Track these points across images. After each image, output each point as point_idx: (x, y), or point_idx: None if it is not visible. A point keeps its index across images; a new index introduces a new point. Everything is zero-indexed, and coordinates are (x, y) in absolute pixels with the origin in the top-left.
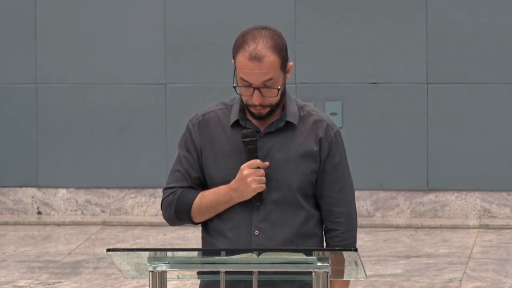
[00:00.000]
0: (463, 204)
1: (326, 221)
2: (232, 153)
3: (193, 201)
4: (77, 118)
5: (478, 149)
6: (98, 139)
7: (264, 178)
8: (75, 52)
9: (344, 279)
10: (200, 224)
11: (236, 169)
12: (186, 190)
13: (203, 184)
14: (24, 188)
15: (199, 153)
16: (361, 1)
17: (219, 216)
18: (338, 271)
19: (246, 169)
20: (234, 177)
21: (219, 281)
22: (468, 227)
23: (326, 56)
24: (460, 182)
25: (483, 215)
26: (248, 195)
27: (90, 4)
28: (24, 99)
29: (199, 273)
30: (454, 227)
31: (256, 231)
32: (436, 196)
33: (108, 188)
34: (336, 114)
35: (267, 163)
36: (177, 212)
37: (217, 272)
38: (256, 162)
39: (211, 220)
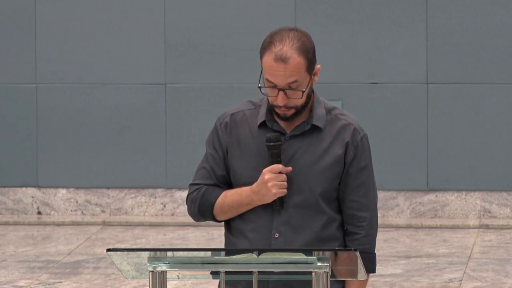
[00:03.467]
0: (463, 204)
1: (348, 225)
2: (258, 154)
3: (216, 200)
4: (77, 118)
5: (478, 149)
6: (98, 139)
7: (285, 183)
8: (75, 52)
9: (347, 279)
10: (222, 222)
11: (261, 170)
12: (210, 188)
13: (228, 182)
14: (24, 188)
15: (225, 152)
16: (361, 1)
17: (241, 216)
18: (344, 271)
19: (267, 173)
20: (258, 178)
21: (240, 281)
22: (468, 227)
23: (326, 56)
24: (460, 182)
25: (483, 215)
26: (269, 199)
27: (90, 4)
28: (24, 99)
29: (212, 273)
30: (454, 227)
31: (276, 234)
32: (436, 196)
33: (108, 188)
34: None
35: (290, 168)
36: (200, 210)
37: (233, 272)
38: (278, 167)
39: (233, 219)
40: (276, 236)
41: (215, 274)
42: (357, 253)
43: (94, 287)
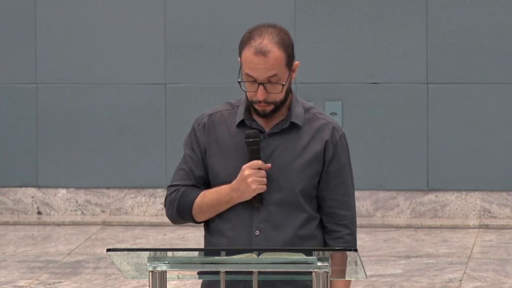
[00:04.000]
0: (463, 204)
1: (329, 223)
2: (236, 153)
3: (194, 200)
4: (77, 118)
5: (478, 149)
6: (98, 139)
7: (265, 179)
8: (75, 52)
9: (345, 279)
10: (202, 224)
11: (240, 169)
12: (188, 189)
13: (207, 183)
14: (24, 188)
15: (203, 153)
16: (361, 1)
17: (220, 215)
18: (339, 271)
19: (247, 169)
20: (237, 177)
21: (218, 281)
22: (468, 227)
23: (326, 56)
24: (460, 182)
25: (483, 215)
26: (248, 195)
27: (90, 4)
28: (24, 99)
29: (199, 273)
30: (454, 227)
31: (257, 231)
32: (436, 196)
33: (108, 188)
34: (336, 114)
35: (269, 165)
36: (179, 211)
37: (218, 272)
38: (258, 163)
39: (212, 219)
40: (257, 234)
41: (201, 274)
42: (358, 253)
43: (94, 287)
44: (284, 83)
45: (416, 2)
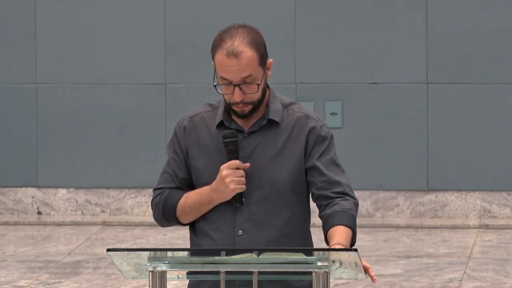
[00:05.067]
0: (463, 204)
1: (322, 201)
2: (217, 153)
3: (178, 202)
4: (77, 118)
5: (478, 149)
6: (98, 139)
7: (243, 179)
8: (75, 52)
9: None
10: (188, 225)
11: None
12: (172, 191)
13: (191, 185)
14: (24, 188)
15: (186, 155)
16: (361, 1)
17: (204, 216)
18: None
19: (225, 169)
20: None
21: (206, 281)
22: (468, 227)
23: (326, 56)
24: (460, 182)
25: (483, 215)
26: (227, 195)
27: (90, 4)
28: (24, 99)
29: (188, 273)
30: (454, 227)
31: (240, 231)
32: (436, 196)
33: (108, 188)
34: (336, 114)
35: (247, 164)
36: (164, 213)
37: (206, 272)
38: (235, 163)
39: (197, 221)
40: (240, 233)
41: (189, 274)
42: (357, 253)
43: (94, 287)
44: (259, 82)
45: (416, 2)
